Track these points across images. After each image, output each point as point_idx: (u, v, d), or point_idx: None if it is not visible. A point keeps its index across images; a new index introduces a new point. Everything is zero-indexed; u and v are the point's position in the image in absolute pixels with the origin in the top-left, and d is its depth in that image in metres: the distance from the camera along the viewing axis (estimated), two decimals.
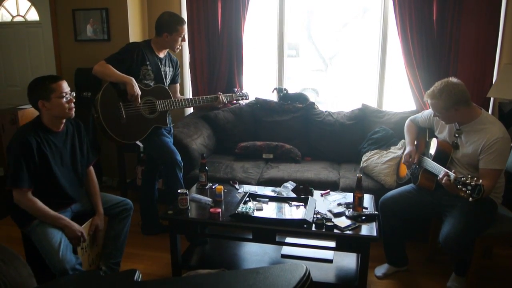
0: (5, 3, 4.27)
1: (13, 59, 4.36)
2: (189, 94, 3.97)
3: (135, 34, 3.84)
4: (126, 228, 2.39)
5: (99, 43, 3.85)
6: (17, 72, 4.38)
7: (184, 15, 3.78)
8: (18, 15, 4.27)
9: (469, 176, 1.98)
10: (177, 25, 2.72)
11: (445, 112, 2.20)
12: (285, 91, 3.75)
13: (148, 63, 2.72)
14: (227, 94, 3.07)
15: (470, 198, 1.93)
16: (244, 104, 3.50)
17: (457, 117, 2.22)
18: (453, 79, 2.22)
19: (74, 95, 2.15)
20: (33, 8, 4.18)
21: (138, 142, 3.09)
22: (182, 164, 2.84)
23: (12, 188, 2.01)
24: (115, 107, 2.60)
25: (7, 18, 4.32)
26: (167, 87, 2.89)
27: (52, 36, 3.98)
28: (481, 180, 1.93)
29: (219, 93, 3.01)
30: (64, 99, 2.07)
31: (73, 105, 2.12)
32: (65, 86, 2.09)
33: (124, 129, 2.64)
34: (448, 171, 2.11)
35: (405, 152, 2.54)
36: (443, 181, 2.10)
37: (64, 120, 2.16)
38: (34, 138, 2.02)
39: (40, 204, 2.04)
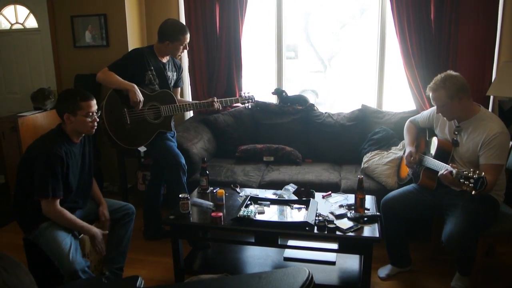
0: (3, 11, 4.28)
1: (12, 67, 4.37)
2: (188, 97, 3.97)
3: (133, 40, 3.85)
4: (128, 233, 2.41)
5: (98, 49, 3.85)
6: (17, 80, 4.38)
7: (182, 18, 3.79)
8: (17, 22, 4.28)
9: (471, 170, 1.98)
10: (179, 34, 2.71)
11: (450, 102, 2.18)
12: (284, 94, 3.74)
13: (152, 68, 2.73)
14: (227, 99, 3.06)
15: (473, 192, 1.92)
16: (249, 107, 3.31)
17: (460, 109, 2.21)
18: (452, 72, 2.25)
19: (99, 114, 2.18)
20: (31, 16, 4.19)
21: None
22: (186, 167, 2.85)
23: (41, 198, 2.00)
24: (119, 114, 2.61)
25: (6, 26, 4.33)
26: (171, 91, 2.90)
27: (51, 43, 3.99)
28: (483, 173, 1.93)
29: (214, 98, 2.99)
30: (89, 118, 2.10)
31: (96, 124, 2.16)
32: (93, 107, 2.13)
33: (129, 135, 2.65)
34: (449, 166, 2.11)
35: (405, 154, 2.54)
36: (445, 176, 2.09)
37: (83, 134, 2.21)
38: (63, 150, 2.05)
39: (69, 214, 2.07)
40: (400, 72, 3.53)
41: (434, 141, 2.41)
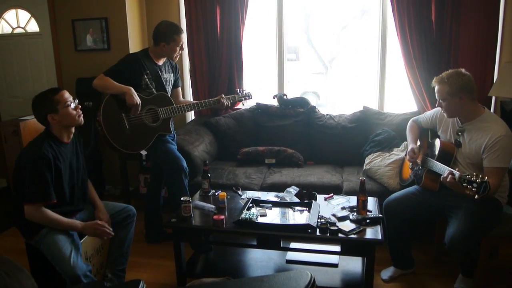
0: (5, 15, 4.30)
1: (14, 71, 4.38)
2: (190, 100, 3.97)
3: (134, 43, 3.86)
4: (130, 235, 2.41)
5: (99, 52, 3.86)
6: (18, 84, 4.40)
7: (183, 21, 3.80)
8: (18, 26, 4.30)
9: (474, 173, 1.96)
10: (174, 34, 2.71)
11: (450, 99, 2.18)
12: (285, 97, 3.74)
13: (148, 72, 2.73)
14: (230, 96, 3.07)
15: (476, 196, 1.90)
16: (246, 105, 3.34)
17: (461, 109, 2.21)
18: (463, 70, 2.23)
19: (77, 102, 2.17)
20: (33, 20, 4.20)
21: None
22: (188, 170, 2.84)
23: (27, 203, 1.99)
24: (117, 119, 2.61)
25: (8, 30, 4.35)
26: (169, 93, 2.89)
27: (53, 47, 4.00)
28: (486, 177, 1.92)
29: (222, 95, 3.00)
30: (70, 108, 2.10)
31: (80, 111, 2.15)
32: (68, 95, 2.12)
33: (129, 140, 2.64)
34: (452, 170, 2.10)
35: (408, 150, 2.53)
36: (447, 180, 2.08)
37: (73, 130, 2.19)
38: (50, 153, 2.03)
39: (52, 214, 2.03)
40: (401, 73, 3.53)
41: (437, 142, 2.40)
